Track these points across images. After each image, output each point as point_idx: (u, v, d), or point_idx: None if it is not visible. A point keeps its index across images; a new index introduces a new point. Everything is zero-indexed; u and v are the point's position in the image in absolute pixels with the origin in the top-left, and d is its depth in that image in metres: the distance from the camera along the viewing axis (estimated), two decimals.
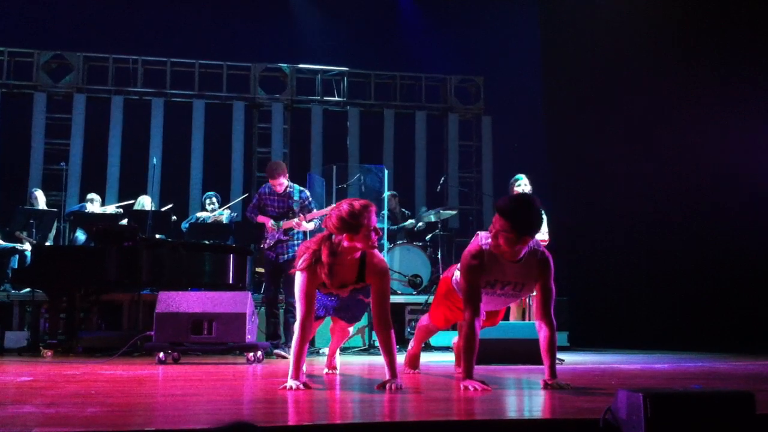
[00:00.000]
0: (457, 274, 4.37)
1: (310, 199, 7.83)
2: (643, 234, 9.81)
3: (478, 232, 4.24)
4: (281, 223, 7.61)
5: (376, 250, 4.07)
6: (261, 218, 7.76)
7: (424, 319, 5.15)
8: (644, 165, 9.86)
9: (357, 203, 3.91)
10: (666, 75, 9.65)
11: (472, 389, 3.79)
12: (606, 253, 10.34)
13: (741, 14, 8.77)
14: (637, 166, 9.94)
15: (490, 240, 4.05)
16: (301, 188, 7.91)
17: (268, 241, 7.66)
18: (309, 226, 7.68)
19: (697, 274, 9.03)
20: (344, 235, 3.91)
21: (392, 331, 4.10)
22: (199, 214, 10.42)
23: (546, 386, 3.98)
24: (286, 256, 7.61)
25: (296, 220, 7.54)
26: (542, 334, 4.07)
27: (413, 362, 5.35)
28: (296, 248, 7.63)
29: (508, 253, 4.01)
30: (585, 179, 10.90)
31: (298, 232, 7.66)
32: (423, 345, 5.46)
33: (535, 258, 4.10)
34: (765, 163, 8.35)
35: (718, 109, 8.83)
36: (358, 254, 4.01)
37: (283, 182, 7.69)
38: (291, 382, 3.90)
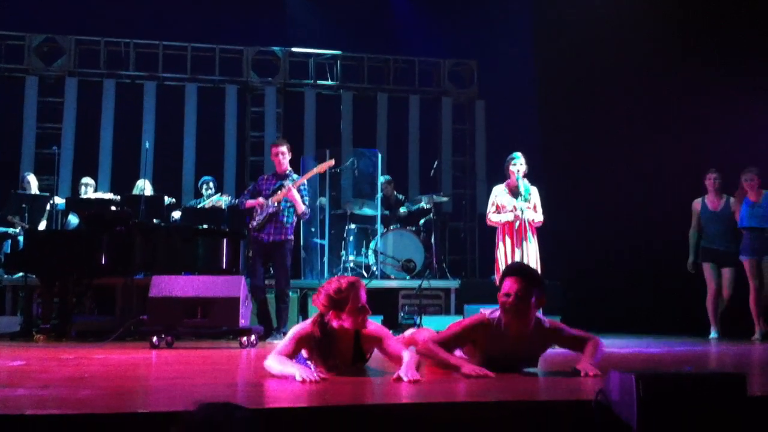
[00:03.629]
0: None
1: (306, 186, 7.87)
2: (639, 217, 9.83)
3: (482, 309, 4.16)
4: (272, 197, 7.61)
5: (370, 322, 3.98)
6: (250, 203, 7.76)
7: (418, 341, 4.98)
8: (639, 148, 9.87)
9: (344, 280, 3.90)
10: (659, 61, 9.65)
11: (475, 374, 3.70)
12: (600, 236, 10.35)
13: (739, 13, 8.76)
14: (632, 150, 9.95)
15: (495, 313, 3.98)
16: (299, 176, 7.95)
17: (257, 218, 7.64)
18: (301, 207, 7.63)
19: (687, 259, 9.07)
20: (331, 313, 3.85)
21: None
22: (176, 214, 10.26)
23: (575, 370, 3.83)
24: (272, 236, 7.59)
25: (286, 188, 7.53)
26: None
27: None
28: (283, 229, 7.63)
29: (515, 323, 3.92)
30: (579, 163, 10.90)
31: (288, 214, 7.64)
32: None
33: (542, 332, 4.02)
34: (751, 154, 8.37)
35: (710, 96, 8.84)
36: (352, 334, 3.94)
37: (285, 153, 7.73)
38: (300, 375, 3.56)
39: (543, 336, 4.03)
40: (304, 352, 3.90)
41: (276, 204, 7.57)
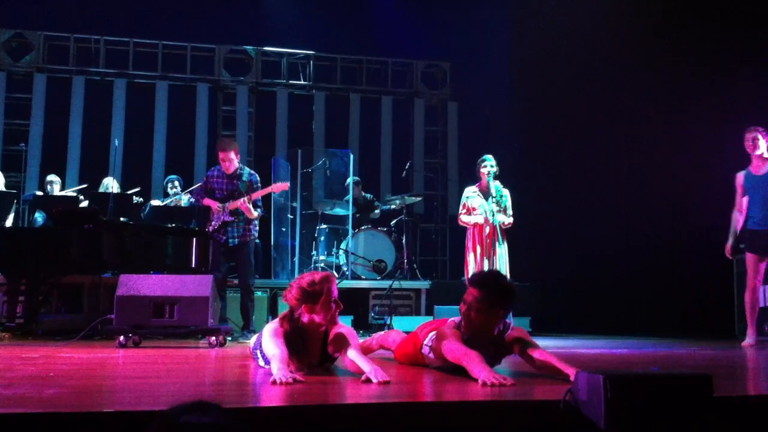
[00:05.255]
0: (430, 337, 4.17)
1: (260, 183, 7.79)
2: (607, 220, 9.92)
3: (446, 319, 4.15)
4: (227, 204, 7.57)
5: (340, 324, 3.96)
6: (207, 201, 7.72)
7: (387, 342, 4.92)
8: (609, 152, 9.95)
9: (318, 275, 3.90)
10: (633, 66, 9.74)
11: (498, 383, 3.28)
12: (569, 238, 10.43)
13: (718, 13, 8.85)
14: (602, 153, 10.03)
15: (462, 322, 3.92)
16: (252, 171, 7.87)
17: (213, 223, 7.62)
18: (254, 213, 7.62)
19: (658, 261, 9.16)
20: (303, 307, 3.83)
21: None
22: (154, 203, 10.27)
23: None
24: (237, 239, 7.59)
25: (242, 200, 7.49)
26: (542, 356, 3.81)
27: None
28: (246, 231, 7.62)
29: (480, 332, 3.86)
30: (550, 166, 10.98)
31: (243, 216, 7.61)
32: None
33: (502, 341, 3.91)
34: (721, 162, 8.45)
35: (690, 95, 8.93)
36: (322, 330, 3.91)
37: (233, 159, 7.64)
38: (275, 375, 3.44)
39: (502, 345, 3.92)
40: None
41: (229, 214, 7.56)
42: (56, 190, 9.99)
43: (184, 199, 10.05)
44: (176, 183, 10.31)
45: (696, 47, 8.95)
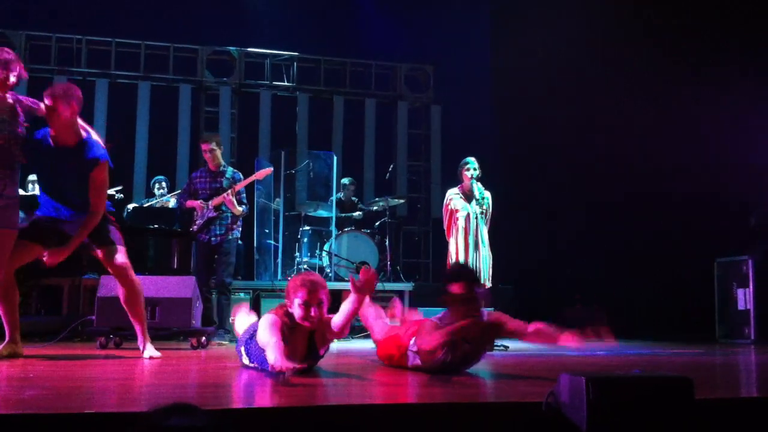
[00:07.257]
0: (413, 342, 4.21)
1: (243, 189, 7.76)
2: (589, 222, 9.96)
3: (425, 319, 4.29)
4: (210, 201, 7.53)
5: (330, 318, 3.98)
6: (190, 203, 7.67)
7: (373, 325, 4.94)
8: (591, 153, 9.99)
9: (301, 276, 3.97)
10: (614, 66, 9.79)
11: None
12: (551, 240, 10.47)
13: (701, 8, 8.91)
14: (585, 154, 10.06)
15: (442, 318, 4.04)
16: (235, 170, 7.85)
17: (197, 222, 7.57)
18: (238, 209, 7.57)
19: (640, 264, 9.21)
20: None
21: None
22: (131, 206, 10.17)
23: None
24: (218, 238, 7.54)
25: (226, 194, 7.46)
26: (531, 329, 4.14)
27: None
28: (228, 230, 7.58)
29: (467, 317, 3.98)
30: (532, 168, 11.01)
31: (227, 213, 7.57)
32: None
33: (484, 327, 4.07)
34: (709, 158, 8.51)
35: (676, 98, 8.99)
36: (309, 327, 3.93)
37: (216, 150, 7.61)
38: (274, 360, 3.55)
39: (485, 332, 4.04)
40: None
41: (213, 209, 7.52)
42: (37, 190, 9.88)
43: (172, 201, 10.00)
44: (163, 184, 10.27)
45: (688, 43, 9.00)
